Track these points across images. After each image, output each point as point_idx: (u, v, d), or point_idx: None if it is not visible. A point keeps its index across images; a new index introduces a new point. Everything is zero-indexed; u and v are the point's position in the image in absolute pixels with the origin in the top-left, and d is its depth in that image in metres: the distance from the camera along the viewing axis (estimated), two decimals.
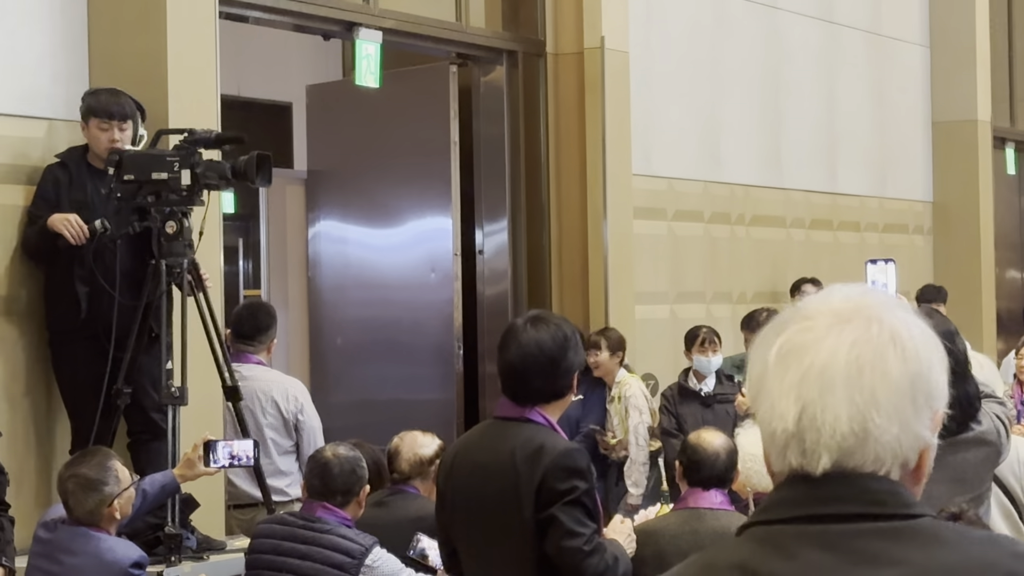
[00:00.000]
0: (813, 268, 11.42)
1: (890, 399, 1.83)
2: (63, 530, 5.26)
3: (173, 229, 6.29)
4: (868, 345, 1.84)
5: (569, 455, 4.34)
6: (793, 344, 1.86)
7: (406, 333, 9.82)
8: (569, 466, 4.30)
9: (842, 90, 12.71)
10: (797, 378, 1.84)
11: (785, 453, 1.85)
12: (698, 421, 8.60)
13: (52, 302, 6.54)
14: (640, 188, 10.25)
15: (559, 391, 4.43)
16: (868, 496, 1.82)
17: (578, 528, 4.27)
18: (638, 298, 10.05)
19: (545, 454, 4.29)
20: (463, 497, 4.50)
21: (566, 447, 4.37)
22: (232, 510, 7.14)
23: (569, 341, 4.43)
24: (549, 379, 4.40)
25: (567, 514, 4.27)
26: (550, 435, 4.39)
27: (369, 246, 10.08)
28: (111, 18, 6.91)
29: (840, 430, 1.82)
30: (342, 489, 5.44)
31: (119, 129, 6.47)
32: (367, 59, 8.92)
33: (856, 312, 1.87)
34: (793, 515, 1.84)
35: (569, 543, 4.27)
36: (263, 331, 7.46)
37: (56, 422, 6.66)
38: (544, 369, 4.38)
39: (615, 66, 9.80)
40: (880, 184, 13.27)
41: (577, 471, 4.31)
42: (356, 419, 9.47)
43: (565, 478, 4.28)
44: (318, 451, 5.69)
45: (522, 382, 4.42)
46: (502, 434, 4.45)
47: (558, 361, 4.39)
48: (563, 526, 4.27)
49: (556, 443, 4.35)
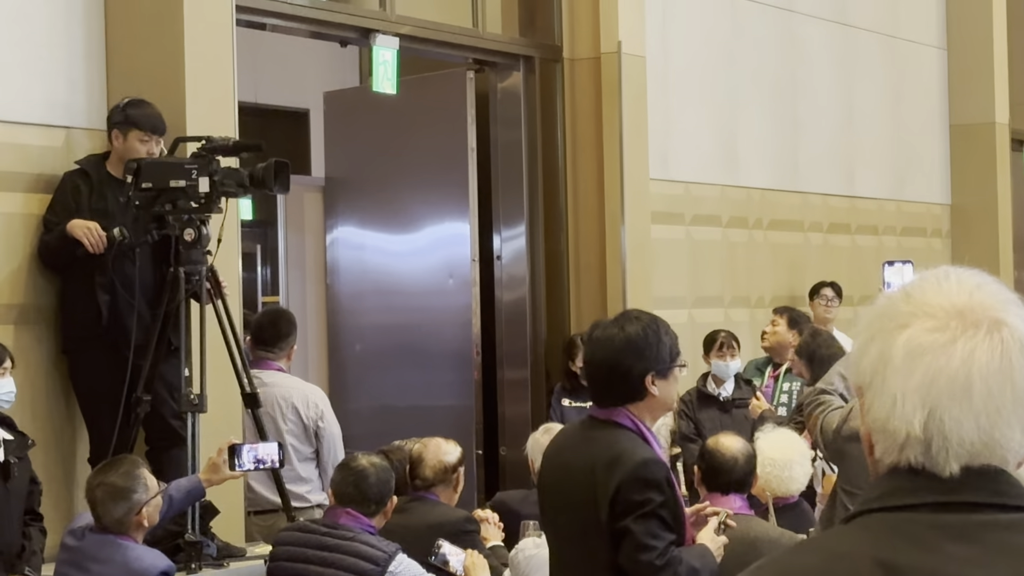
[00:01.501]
0: (831, 272, 11.39)
1: (1017, 408, 1.83)
2: (91, 538, 5.27)
3: (191, 237, 6.30)
4: (997, 354, 1.84)
5: (646, 466, 4.26)
6: (920, 344, 1.84)
7: (424, 339, 9.82)
8: (645, 477, 4.24)
9: (859, 93, 12.68)
10: (926, 382, 1.83)
11: (904, 449, 1.84)
12: (716, 426, 8.58)
13: (70, 311, 6.55)
14: (657, 192, 10.24)
15: (635, 394, 4.35)
16: (995, 487, 1.83)
17: (651, 541, 4.22)
18: (656, 303, 10.02)
19: (622, 464, 4.24)
20: (549, 495, 4.51)
21: (643, 458, 4.28)
22: (252, 516, 7.15)
23: (646, 341, 4.33)
24: (625, 381, 4.34)
25: (641, 526, 4.22)
26: (632, 442, 4.32)
27: (387, 252, 10.09)
28: (128, 26, 6.93)
29: (968, 439, 1.82)
30: (376, 498, 5.44)
31: (156, 143, 6.51)
32: (384, 65, 8.93)
33: (982, 314, 1.87)
34: (919, 502, 1.82)
35: (642, 556, 4.22)
36: (283, 338, 7.47)
37: (75, 431, 6.67)
38: (620, 371, 4.33)
39: (632, 71, 9.79)
40: (898, 187, 13.24)
41: (654, 483, 4.25)
42: (375, 425, 9.47)
43: (640, 490, 4.23)
44: (352, 459, 5.68)
45: (603, 384, 4.39)
46: (586, 436, 4.43)
47: (630, 366, 4.32)
48: (636, 539, 4.22)
49: (635, 452, 4.28)
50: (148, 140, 6.50)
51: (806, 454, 6.77)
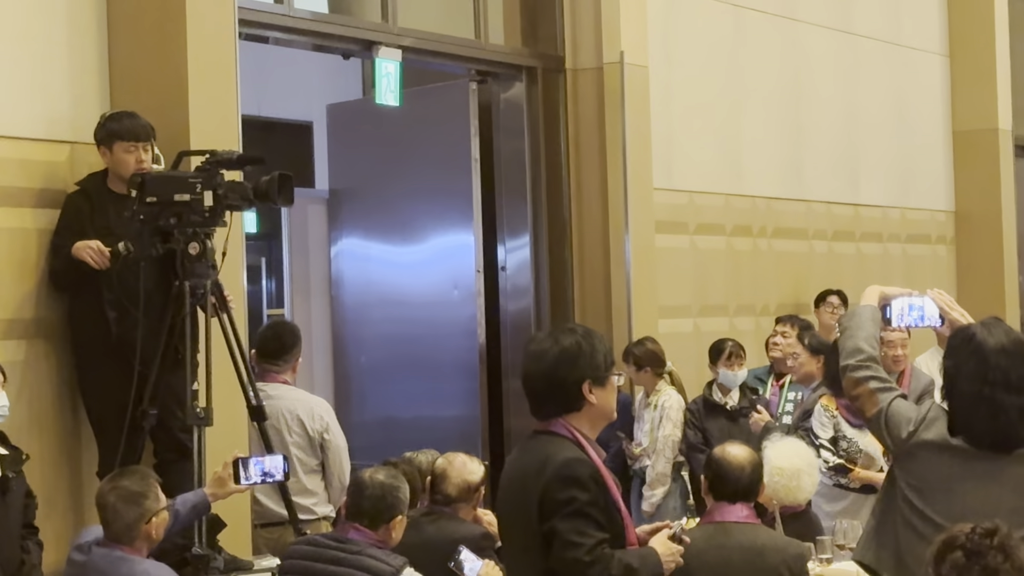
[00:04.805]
0: (836, 280, 11.39)
1: None
2: (97, 552, 5.26)
3: (196, 250, 6.31)
4: None
5: (567, 465, 4.27)
6: None
7: (429, 350, 9.82)
8: (567, 475, 4.25)
9: (862, 100, 12.69)
10: None
11: None
12: (725, 435, 8.57)
13: (79, 325, 6.56)
14: (661, 202, 10.24)
15: (568, 404, 4.37)
16: None
17: (577, 539, 4.21)
18: (661, 312, 10.04)
19: (548, 466, 4.27)
20: (499, 510, 4.60)
21: (566, 457, 4.29)
22: (259, 529, 7.15)
23: (575, 352, 4.35)
24: (553, 393, 4.37)
25: (567, 524, 4.22)
26: (561, 447, 4.34)
27: (392, 264, 10.09)
28: (131, 41, 6.93)
29: None
30: (375, 513, 5.42)
31: (144, 150, 6.51)
32: (387, 77, 8.94)
33: None
34: None
35: (568, 554, 4.22)
36: (288, 350, 7.47)
37: (83, 445, 6.67)
38: (549, 384, 4.37)
39: (635, 80, 9.80)
40: (902, 194, 13.24)
41: (575, 480, 4.25)
42: (380, 437, 9.48)
43: (562, 488, 4.24)
44: (360, 472, 5.67)
45: (535, 397, 4.43)
46: (526, 447, 4.47)
47: (562, 377, 4.35)
48: (562, 537, 4.23)
49: (559, 454, 4.30)
50: (134, 148, 6.49)
51: (813, 463, 6.77)
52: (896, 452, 4.56)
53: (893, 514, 4.55)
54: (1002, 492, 4.40)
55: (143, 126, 6.54)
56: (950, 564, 3.12)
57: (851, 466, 7.91)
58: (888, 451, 4.65)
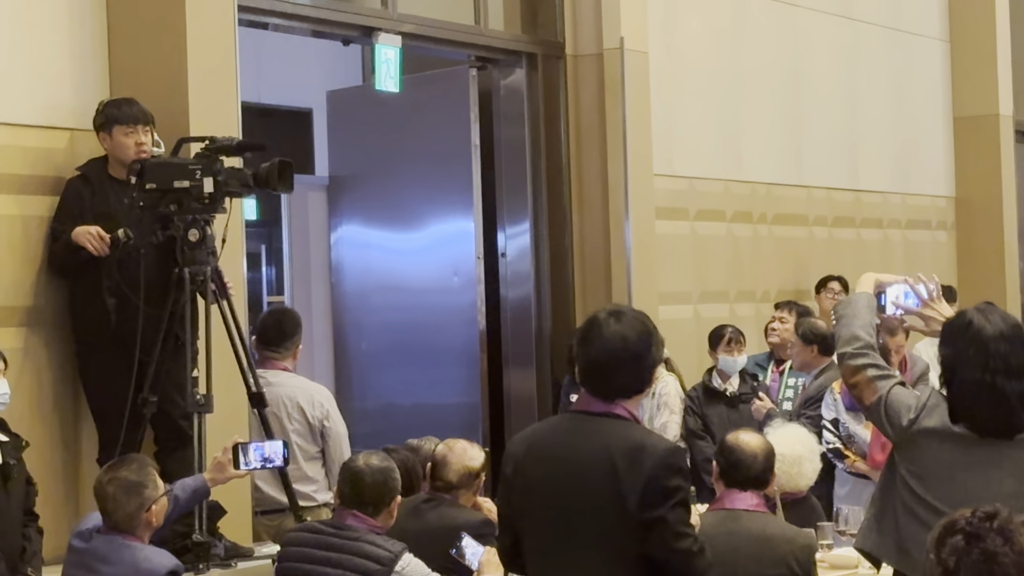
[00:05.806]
0: (836, 265, 11.39)
1: None
2: (98, 539, 5.26)
3: (196, 237, 6.31)
4: None
5: (675, 454, 4.25)
6: None
7: (430, 337, 9.82)
8: (674, 464, 4.20)
9: (862, 86, 12.68)
10: None
11: None
12: (724, 421, 8.59)
13: (79, 313, 6.55)
14: (661, 188, 10.24)
15: (641, 386, 4.34)
16: None
17: (686, 529, 4.20)
18: (661, 298, 10.03)
19: (648, 453, 4.19)
20: (540, 492, 4.34)
21: (669, 446, 4.29)
22: (259, 516, 7.15)
23: (652, 336, 4.34)
24: (633, 374, 4.31)
25: (675, 514, 4.18)
26: (645, 432, 4.34)
27: (391, 250, 10.09)
28: (130, 28, 6.93)
29: None
30: (372, 500, 5.43)
31: (143, 132, 6.50)
32: (386, 64, 8.93)
33: None
34: None
35: (680, 544, 4.18)
36: (288, 337, 7.47)
37: (83, 432, 6.67)
38: (628, 364, 4.29)
39: (634, 67, 9.79)
40: (902, 180, 13.23)
41: (682, 471, 4.23)
42: (381, 424, 9.48)
43: (670, 476, 4.18)
44: (351, 459, 5.67)
45: (607, 377, 4.31)
46: (586, 429, 4.32)
47: (642, 356, 4.30)
48: (671, 527, 4.17)
49: (657, 441, 4.28)
50: (133, 131, 6.49)
51: (815, 450, 6.78)
52: (896, 440, 4.55)
53: (894, 501, 4.55)
54: (1003, 477, 4.40)
55: (142, 110, 6.54)
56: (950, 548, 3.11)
57: (848, 452, 7.92)
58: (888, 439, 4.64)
